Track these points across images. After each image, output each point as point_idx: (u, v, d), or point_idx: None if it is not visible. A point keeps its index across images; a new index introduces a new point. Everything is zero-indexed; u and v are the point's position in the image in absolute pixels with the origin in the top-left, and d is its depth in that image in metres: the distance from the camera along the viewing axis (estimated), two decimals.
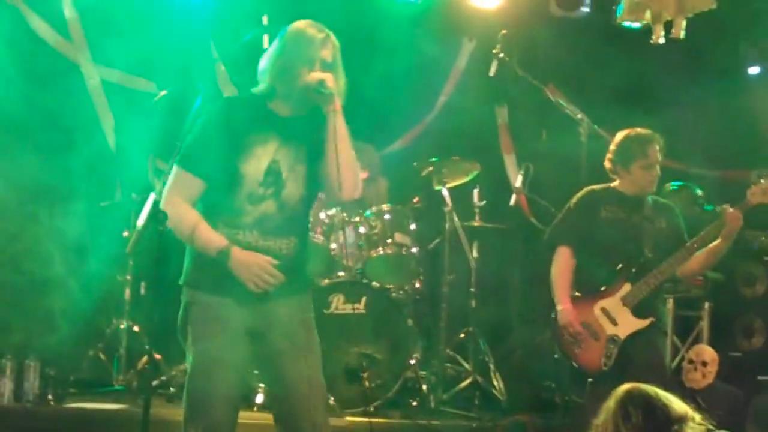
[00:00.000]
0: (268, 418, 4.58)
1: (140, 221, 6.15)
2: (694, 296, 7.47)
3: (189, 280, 4.28)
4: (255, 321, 4.22)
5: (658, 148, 5.82)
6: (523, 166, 7.94)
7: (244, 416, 5.69)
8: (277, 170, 4.13)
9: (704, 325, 7.49)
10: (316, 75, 4.05)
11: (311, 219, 6.72)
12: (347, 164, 4.18)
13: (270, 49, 4.26)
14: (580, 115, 6.79)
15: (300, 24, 4.23)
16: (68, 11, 7.81)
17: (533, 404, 6.90)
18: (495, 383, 7.07)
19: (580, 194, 6.02)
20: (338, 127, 4.12)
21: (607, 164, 5.94)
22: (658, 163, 5.85)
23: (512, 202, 7.72)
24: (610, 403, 3.11)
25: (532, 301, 7.74)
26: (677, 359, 7.18)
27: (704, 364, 6.63)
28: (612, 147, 5.94)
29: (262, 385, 5.91)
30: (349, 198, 4.42)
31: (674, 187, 7.49)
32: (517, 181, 7.76)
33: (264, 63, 4.26)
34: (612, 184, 5.96)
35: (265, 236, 4.16)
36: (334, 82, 4.10)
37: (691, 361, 6.72)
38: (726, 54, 8.03)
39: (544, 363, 6.93)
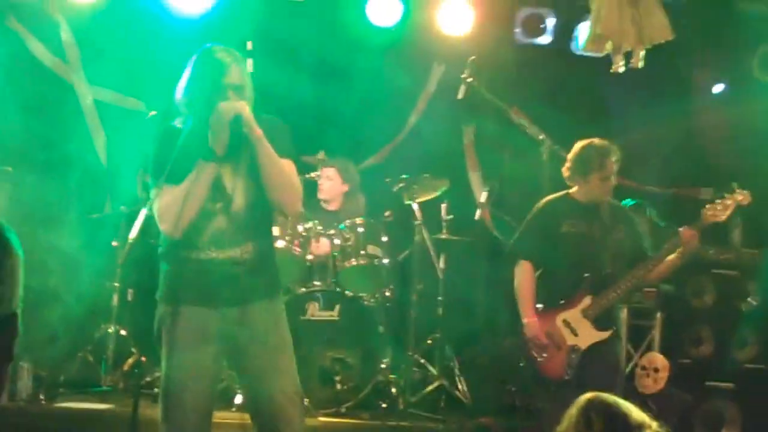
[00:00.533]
0: (246, 417, 4.64)
1: (132, 234, 6.39)
2: (647, 307, 7.59)
3: (163, 293, 4.36)
4: (227, 327, 4.28)
5: (614, 159, 5.84)
6: (487, 183, 8.03)
7: (224, 416, 5.95)
8: (220, 186, 4.21)
9: (656, 334, 7.59)
10: (229, 111, 4.05)
11: (290, 231, 6.86)
12: (280, 185, 4.27)
13: (182, 80, 4.28)
14: (541, 136, 6.89)
15: (206, 51, 4.26)
16: (65, 35, 7.91)
17: (496, 408, 7.03)
18: (460, 387, 7.23)
19: (539, 206, 6.05)
20: (264, 155, 4.18)
21: (565, 172, 5.97)
22: (614, 174, 5.88)
23: (477, 216, 7.77)
24: (573, 411, 3.18)
25: (496, 310, 7.72)
26: (630, 366, 7.28)
27: (656, 370, 6.86)
28: (571, 156, 5.97)
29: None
30: (294, 214, 4.68)
31: (628, 205, 7.45)
32: (482, 197, 7.81)
33: (179, 94, 4.30)
34: (569, 191, 5.98)
35: (222, 249, 4.24)
36: (247, 107, 4.11)
37: (643, 368, 6.92)
38: (679, 79, 8.08)
39: (507, 368, 7.07)
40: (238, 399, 6.15)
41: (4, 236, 3.76)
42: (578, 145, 5.95)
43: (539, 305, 5.91)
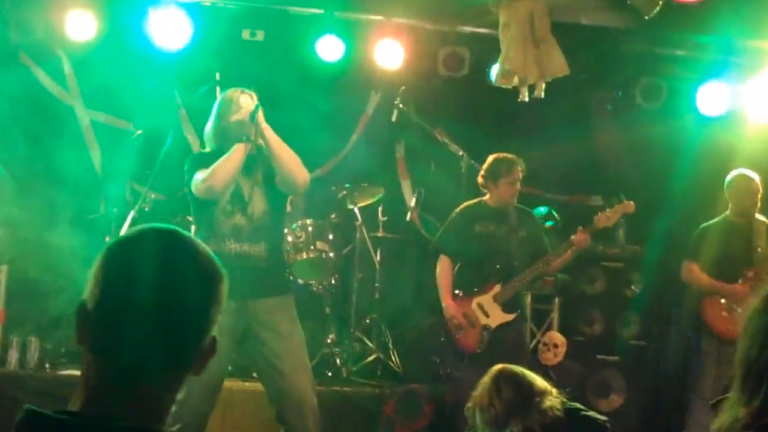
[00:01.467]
0: (258, 386, 5.21)
1: (122, 232, 6.52)
2: (547, 293, 8.09)
3: None
4: (240, 317, 4.74)
5: (520, 169, 6.37)
6: (416, 190, 8.57)
7: (247, 386, 6.28)
8: (239, 193, 4.85)
9: (555, 316, 8.16)
10: (247, 107, 4.81)
11: None
12: (289, 159, 4.86)
13: (211, 117, 5.01)
14: (460, 152, 7.39)
15: (227, 92, 5.00)
16: (66, 68, 8.27)
17: (424, 376, 7.42)
18: (394, 359, 7.70)
19: (457, 210, 6.53)
20: (273, 139, 4.82)
21: (479, 180, 6.45)
22: (520, 180, 6.37)
23: (408, 217, 8.27)
24: (486, 380, 3.47)
25: (422, 295, 8.00)
26: (534, 342, 7.71)
27: (555, 346, 7.39)
28: (484, 166, 6.44)
29: None
30: (304, 181, 4.97)
31: (539, 213, 7.83)
32: (412, 202, 8.37)
33: (209, 128, 5.01)
34: (483, 198, 6.46)
35: (240, 242, 4.82)
36: (252, 104, 4.78)
37: (545, 344, 7.45)
38: (576, 105, 8.44)
39: (432, 343, 7.37)
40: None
41: None
42: (490, 157, 6.50)
43: (458, 291, 6.38)
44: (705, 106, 7.78)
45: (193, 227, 5.48)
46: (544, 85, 6.62)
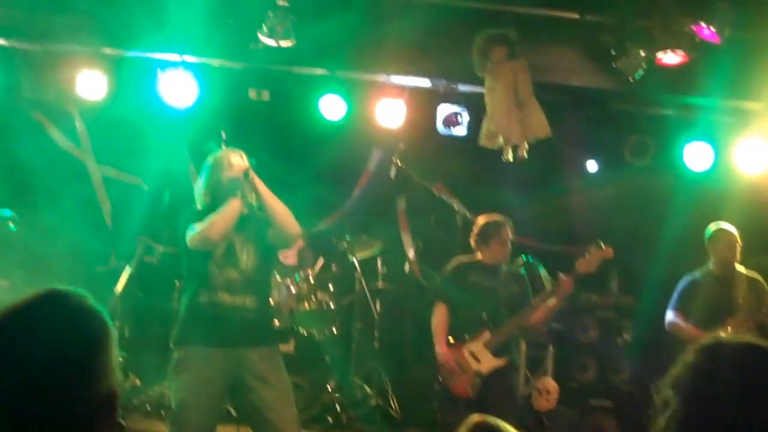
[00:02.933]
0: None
1: (118, 287, 6.65)
2: (542, 341, 8.05)
3: (177, 337, 4.89)
4: (230, 366, 4.79)
5: (509, 229, 6.42)
6: (415, 241, 8.59)
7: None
8: (232, 248, 4.92)
9: (549, 363, 8.10)
10: (238, 169, 4.87)
11: None
12: (282, 212, 4.91)
13: (202, 176, 5.06)
14: (456, 207, 7.52)
15: (218, 152, 5.08)
16: (78, 125, 8.43)
17: (421, 421, 7.43)
18: (393, 404, 7.73)
19: (452, 264, 6.55)
20: (267, 195, 4.87)
21: (471, 242, 6.52)
22: (510, 240, 6.41)
23: (407, 269, 8.25)
24: (461, 430, 3.08)
25: (421, 343, 7.54)
26: (528, 388, 7.68)
27: (548, 392, 7.46)
28: (475, 229, 6.50)
29: None
30: (296, 233, 5.01)
31: (525, 259, 7.93)
32: (410, 254, 8.38)
33: (200, 186, 5.05)
34: (476, 256, 6.51)
35: (232, 294, 4.86)
36: (243, 163, 4.84)
37: (538, 390, 7.51)
38: (564, 161, 8.51)
39: (429, 390, 6.90)
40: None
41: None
42: (480, 220, 6.52)
43: (450, 339, 6.33)
44: (692, 161, 7.85)
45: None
46: (527, 146, 6.62)
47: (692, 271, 6.98)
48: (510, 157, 6.67)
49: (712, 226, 6.88)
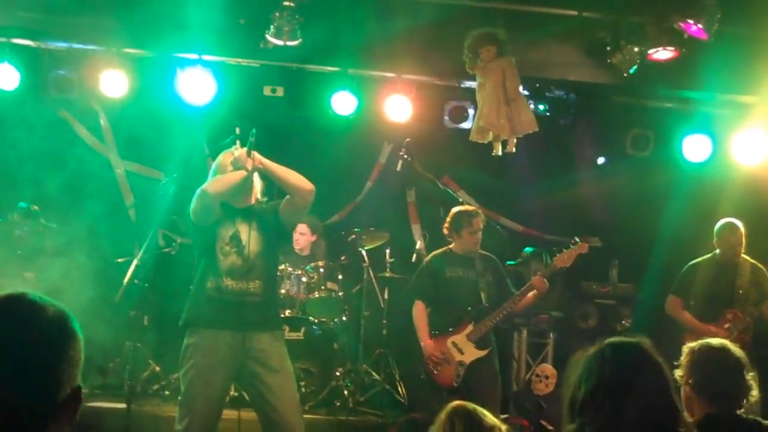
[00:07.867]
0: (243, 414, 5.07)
1: (126, 278, 6.40)
2: (542, 329, 7.94)
3: (185, 320, 4.78)
4: (236, 349, 4.68)
5: (480, 219, 6.22)
6: (423, 232, 8.43)
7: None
8: (237, 236, 4.78)
9: (549, 349, 8.01)
10: (238, 150, 4.76)
11: None
12: (291, 175, 4.81)
13: (210, 172, 4.89)
14: (461, 199, 7.22)
15: (221, 155, 4.91)
16: (103, 122, 8.39)
17: (428, 406, 6.72)
18: (400, 390, 7.54)
19: (427, 259, 6.41)
20: (270, 165, 4.79)
21: (444, 230, 6.32)
22: (480, 230, 6.22)
23: (414, 258, 7.90)
24: (441, 415, 3.30)
25: None
26: (529, 374, 7.58)
27: (547, 377, 7.23)
28: (448, 219, 6.30)
29: None
30: (311, 197, 4.84)
31: (528, 251, 7.81)
32: (419, 244, 8.11)
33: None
34: (449, 247, 6.32)
35: (235, 279, 4.75)
36: (246, 154, 4.69)
37: (537, 375, 7.29)
38: (569, 155, 8.33)
39: None
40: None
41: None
42: (453, 210, 6.35)
43: (435, 332, 6.19)
44: (691, 153, 7.72)
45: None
46: (515, 141, 6.45)
47: (697, 258, 6.78)
48: (499, 151, 6.49)
49: (722, 222, 6.73)
